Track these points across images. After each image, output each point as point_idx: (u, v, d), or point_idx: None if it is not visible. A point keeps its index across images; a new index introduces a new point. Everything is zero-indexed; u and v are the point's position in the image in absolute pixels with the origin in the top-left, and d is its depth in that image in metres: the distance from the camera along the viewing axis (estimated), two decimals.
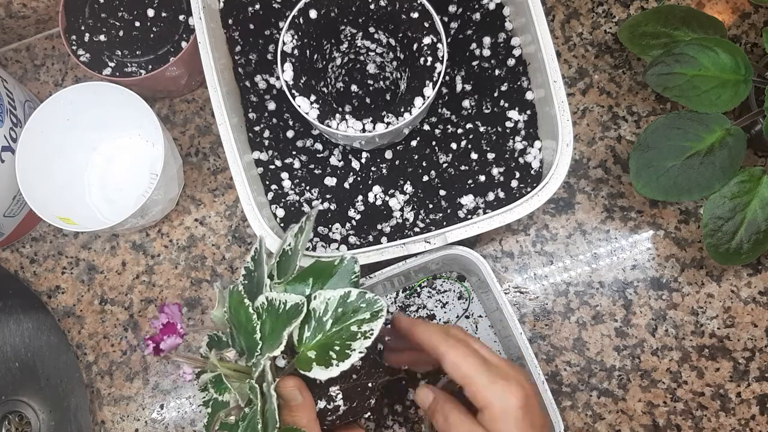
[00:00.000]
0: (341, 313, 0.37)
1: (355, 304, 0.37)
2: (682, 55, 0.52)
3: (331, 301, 0.38)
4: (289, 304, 0.37)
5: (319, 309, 0.37)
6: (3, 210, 0.59)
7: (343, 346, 0.36)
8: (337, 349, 0.36)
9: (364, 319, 0.37)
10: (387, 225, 0.55)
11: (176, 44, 0.59)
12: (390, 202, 0.55)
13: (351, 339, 0.36)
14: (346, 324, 0.37)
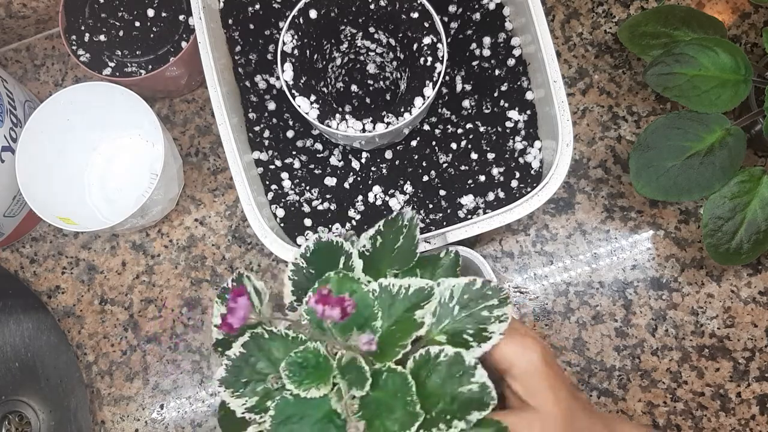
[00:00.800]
0: (468, 300, 0.39)
1: (480, 291, 0.39)
2: (682, 55, 0.52)
3: (456, 288, 0.39)
4: (413, 289, 0.38)
5: (444, 296, 0.39)
6: (3, 210, 0.59)
7: (478, 330, 0.38)
8: (471, 332, 0.38)
9: (494, 305, 0.38)
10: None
11: (176, 44, 0.59)
12: (390, 202, 0.55)
13: (484, 323, 0.38)
14: (475, 309, 0.38)
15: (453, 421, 0.35)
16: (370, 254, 0.42)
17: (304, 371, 0.36)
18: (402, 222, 0.42)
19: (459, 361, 0.36)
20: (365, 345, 0.33)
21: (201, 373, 0.62)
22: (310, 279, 0.41)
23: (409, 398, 0.35)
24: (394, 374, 0.36)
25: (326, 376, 0.37)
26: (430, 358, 0.37)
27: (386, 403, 0.36)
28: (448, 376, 0.36)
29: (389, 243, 0.42)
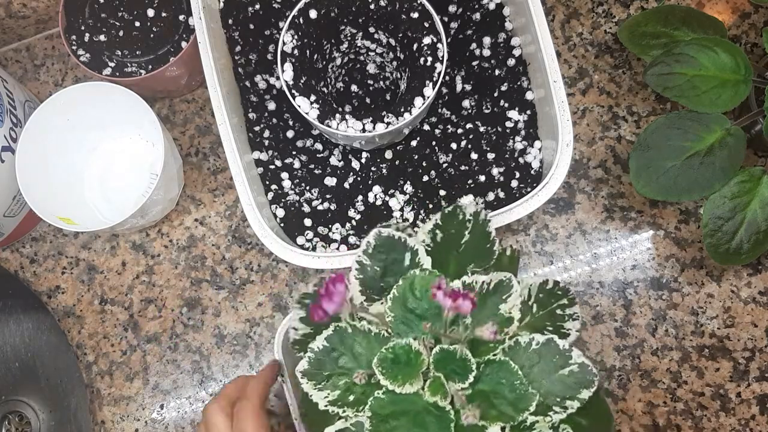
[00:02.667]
0: (543, 299, 0.40)
1: (553, 291, 0.41)
2: (682, 55, 0.52)
3: (533, 288, 0.41)
4: (494, 282, 0.39)
5: (524, 294, 0.40)
6: (3, 210, 0.59)
7: (556, 327, 0.40)
8: (551, 329, 0.40)
9: (565, 304, 0.40)
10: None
11: (176, 44, 0.59)
12: (390, 202, 0.55)
13: (561, 320, 0.40)
14: (551, 308, 0.40)
15: (565, 401, 0.37)
16: (432, 249, 0.42)
17: (397, 367, 0.37)
18: (463, 216, 0.42)
19: (552, 347, 0.38)
20: (491, 334, 0.34)
21: (201, 373, 0.62)
22: (377, 276, 0.41)
23: (518, 382, 0.36)
24: (495, 364, 0.37)
25: (418, 371, 0.37)
26: (521, 347, 0.38)
27: (494, 391, 0.37)
28: (544, 362, 0.38)
29: (453, 238, 0.42)
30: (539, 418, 0.37)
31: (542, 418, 0.37)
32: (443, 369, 0.37)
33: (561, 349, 0.38)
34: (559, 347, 0.38)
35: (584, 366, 0.37)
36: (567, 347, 0.38)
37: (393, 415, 0.36)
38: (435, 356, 0.37)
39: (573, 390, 0.37)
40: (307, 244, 0.54)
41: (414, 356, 0.37)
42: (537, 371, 0.37)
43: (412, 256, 0.41)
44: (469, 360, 0.37)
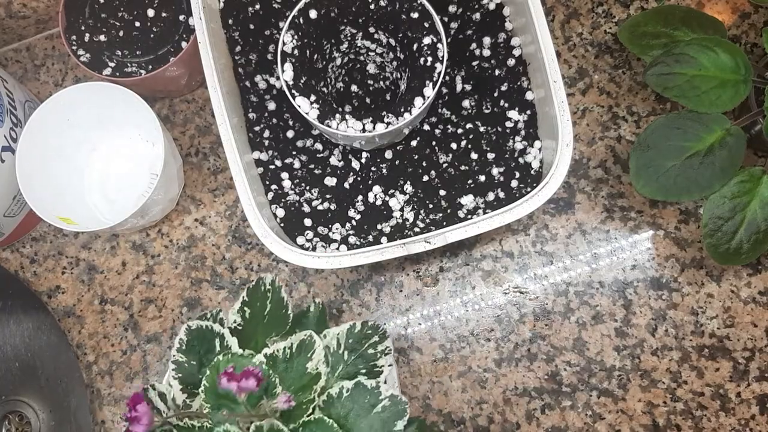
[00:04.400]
0: (353, 343, 0.42)
1: (362, 333, 0.43)
2: (682, 55, 0.52)
3: (341, 335, 0.42)
4: (295, 345, 0.41)
5: (332, 345, 0.42)
6: (3, 210, 0.59)
7: (370, 367, 0.42)
8: (364, 372, 0.41)
9: (376, 341, 0.42)
10: (387, 225, 0.55)
11: (176, 44, 0.59)
12: (390, 202, 0.55)
13: (373, 359, 0.42)
14: (362, 350, 0.42)
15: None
16: (243, 328, 0.44)
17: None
18: (264, 287, 0.45)
19: (362, 389, 0.40)
20: (285, 403, 0.36)
21: None
22: (194, 370, 0.42)
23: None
24: (311, 424, 0.39)
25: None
26: (334, 399, 0.40)
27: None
28: (358, 406, 0.40)
29: (258, 311, 0.44)
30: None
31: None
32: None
33: (370, 389, 0.40)
34: (367, 387, 0.40)
35: (394, 398, 0.40)
36: (374, 385, 0.40)
37: None
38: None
39: (389, 424, 0.39)
40: (307, 244, 0.54)
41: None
42: (353, 416, 0.39)
43: (220, 341, 0.42)
44: (282, 430, 0.38)
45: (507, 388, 0.60)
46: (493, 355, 0.60)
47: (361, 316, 0.62)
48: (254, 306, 0.44)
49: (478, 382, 0.60)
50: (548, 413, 0.59)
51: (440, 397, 0.60)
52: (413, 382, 0.60)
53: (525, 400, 0.59)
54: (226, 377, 0.35)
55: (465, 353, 0.60)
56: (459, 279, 0.61)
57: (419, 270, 0.62)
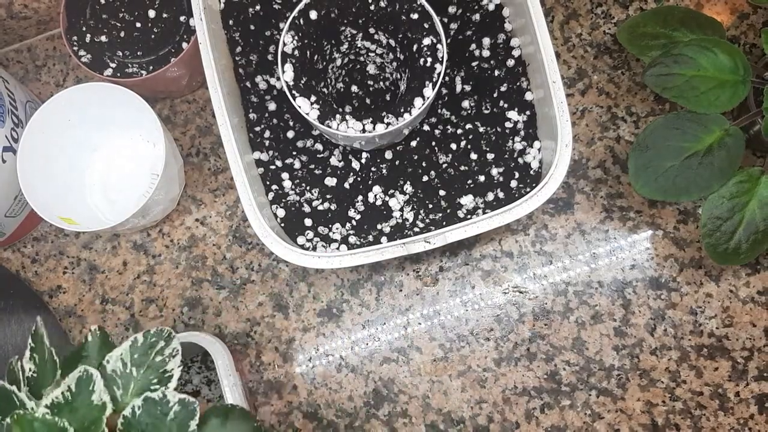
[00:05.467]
0: (140, 358, 0.42)
1: (146, 343, 0.42)
2: (680, 55, 0.52)
3: (125, 354, 0.42)
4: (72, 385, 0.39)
5: (118, 367, 0.41)
6: (4, 210, 0.59)
7: (161, 375, 0.41)
8: (156, 381, 0.41)
9: (163, 347, 0.42)
10: (387, 225, 0.55)
11: (177, 45, 0.59)
12: (390, 202, 0.55)
13: (162, 366, 0.41)
14: (150, 361, 0.42)
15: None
16: (37, 375, 0.42)
17: None
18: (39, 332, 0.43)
19: (150, 402, 0.39)
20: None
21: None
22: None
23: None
24: None
25: None
26: (129, 419, 0.39)
27: None
28: (153, 419, 0.39)
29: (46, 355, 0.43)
30: None
31: None
32: None
33: (158, 400, 0.39)
34: (155, 400, 0.39)
35: (183, 401, 0.39)
36: (162, 395, 0.39)
37: None
38: None
39: (184, 426, 0.39)
40: (308, 244, 0.55)
41: None
42: (152, 429, 0.39)
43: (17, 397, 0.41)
44: None
45: (506, 387, 0.60)
46: (493, 354, 0.60)
47: (361, 315, 0.62)
48: (41, 351, 0.43)
49: (477, 381, 0.60)
50: (547, 412, 0.59)
51: (440, 397, 0.60)
52: (413, 381, 0.60)
53: (524, 400, 0.60)
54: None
55: (464, 353, 0.61)
56: (459, 279, 0.62)
57: (419, 270, 0.62)
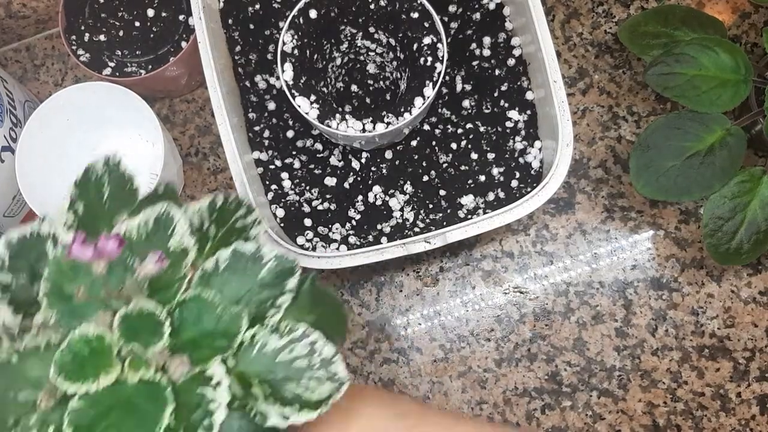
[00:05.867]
0: (218, 218, 0.38)
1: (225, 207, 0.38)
2: (682, 55, 0.52)
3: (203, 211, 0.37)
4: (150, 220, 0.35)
5: (194, 221, 0.37)
6: (3, 210, 0.59)
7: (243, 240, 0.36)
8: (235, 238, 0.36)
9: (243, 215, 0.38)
10: (387, 225, 0.55)
11: (176, 44, 0.59)
12: (390, 202, 0.55)
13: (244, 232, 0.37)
14: (229, 225, 0.38)
15: (276, 300, 0.34)
16: (79, 224, 0.37)
17: (82, 364, 0.31)
18: (97, 176, 0.39)
19: (240, 257, 0.34)
20: (157, 264, 0.30)
21: None
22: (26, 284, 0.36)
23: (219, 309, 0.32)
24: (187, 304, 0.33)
25: (108, 357, 0.32)
26: (209, 275, 0.34)
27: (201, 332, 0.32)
28: (240, 276, 0.34)
29: (94, 201, 0.38)
30: (255, 329, 0.33)
31: (258, 327, 0.33)
32: (134, 338, 0.32)
33: (249, 255, 0.34)
34: (246, 254, 0.34)
35: (280, 258, 0.34)
36: (254, 250, 0.34)
37: (99, 417, 0.31)
38: (120, 328, 0.32)
39: (279, 286, 0.34)
40: (307, 244, 0.54)
41: (96, 343, 0.32)
42: (236, 289, 0.34)
43: (53, 242, 0.35)
44: (154, 312, 0.32)
45: (507, 388, 0.60)
46: (493, 355, 0.60)
47: (362, 316, 0.62)
48: (87, 197, 0.38)
49: (478, 382, 0.60)
50: (548, 413, 0.59)
51: (440, 397, 0.60)
52: (413, 382, 0.60)
53: (525, 401, 0.59)
54: (79, 243, 0.29)
55: (465, 353, 0.60)
56: (459, 279, 0.61)
57: (419, 270, 0.62)
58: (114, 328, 0.32)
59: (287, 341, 0.33)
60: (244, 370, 0.32)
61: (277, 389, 0.32)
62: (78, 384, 0.30)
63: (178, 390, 0.31)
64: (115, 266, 0.32)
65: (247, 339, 0.33)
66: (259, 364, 0.33)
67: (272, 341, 0.33)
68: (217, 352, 0.32)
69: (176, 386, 0.31)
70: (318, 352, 0.32)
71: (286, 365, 0.33)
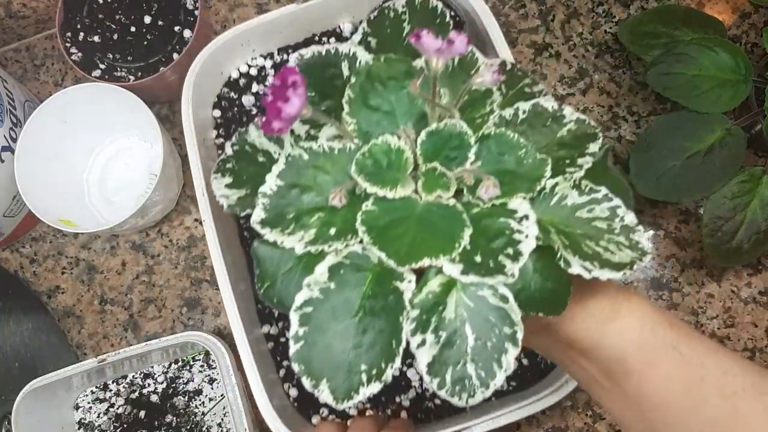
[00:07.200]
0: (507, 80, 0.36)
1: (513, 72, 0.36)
2: (682, 55, 0.52)
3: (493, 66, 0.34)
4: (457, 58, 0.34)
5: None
6: (3, 210, 0.59)
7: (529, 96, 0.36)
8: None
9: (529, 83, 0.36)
10: (406, 398, 0.52)
11: (168, 54, 0.59)
12: (408, 373, 0.53)
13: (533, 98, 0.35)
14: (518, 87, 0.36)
15: (576, 160, 0.33)
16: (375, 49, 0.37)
17: (381, 172, 0.31)
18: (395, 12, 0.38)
19: (541, 111, 0.34)
20: (495, 74, 0.30)
21: None
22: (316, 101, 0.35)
23: (523, 152, 0.32)
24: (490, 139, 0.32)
25: (405, 172, 0.32)
26: (506, 122, 0.33)
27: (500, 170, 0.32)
28: (537, 131, 0.33)
29: (391, 37, 0.37)
30: (558, 179, 0.32)
31: (561, 178, 0.32)
32: (436, 157, 0.32)
33: (551, 111, 0.33)
34: (548, 109, 0.33)
35: (581, 121, 0.33)
36: (556, 107, 0.33)
37: (392, 225, 0.30)
38: (423, 144, 0.32)
39: (579, 147, 0.33)
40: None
41: (396, 155, 0.32)
42: (533, 142, 0.33)
43: (350, 62, 0.35)
44: (466, 132, 0.31)
45: None
46: None
47: None
48: (382, 34, 0.37)
49: None
50: (548, 413, 0.59)
51: None
52: None
53: None
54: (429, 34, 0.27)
55: None
56: None
57: None
58: (419, 143, 0.32)
59: (588, 200, 0.32)
60: (542, 218, 0.31)
61: (576, 242, 0.31)
62: (376, 186, 0.30)
63: (474, 217, 0.31)
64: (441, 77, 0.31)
65: (548, 187, 0.32)
66: (557, 215, 0.32)
67: (572, 196, 0.32)
68: (519, 190, 0.31)
69: (471, 213, 0.31)
70: (620, 217, 0.32)
71: (585, 222, 0.32)
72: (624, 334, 0.33)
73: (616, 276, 0.29)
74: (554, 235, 0.31)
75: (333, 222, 0.31)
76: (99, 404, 0.60)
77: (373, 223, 0.30)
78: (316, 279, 0.30)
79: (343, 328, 0.30)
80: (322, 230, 0.31)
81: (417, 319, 0.29)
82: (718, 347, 0.33)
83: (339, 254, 0.31)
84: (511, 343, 0.29)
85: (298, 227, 0.31)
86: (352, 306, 0.30)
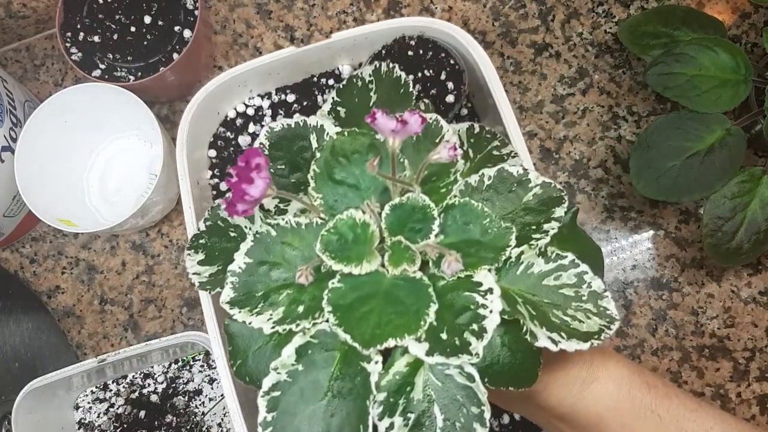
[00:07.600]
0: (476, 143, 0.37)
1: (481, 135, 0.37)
2: (682, 55, 0.52)
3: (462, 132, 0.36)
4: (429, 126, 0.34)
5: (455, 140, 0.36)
6: (3, 210, 0.59)
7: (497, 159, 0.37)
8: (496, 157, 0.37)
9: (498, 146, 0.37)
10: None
11: (168, 54, 0.59)
12: None
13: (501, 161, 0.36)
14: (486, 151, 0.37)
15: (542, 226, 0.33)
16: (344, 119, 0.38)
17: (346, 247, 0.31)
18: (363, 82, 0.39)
19: (506, 176, 0.34)
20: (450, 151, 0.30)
21: None
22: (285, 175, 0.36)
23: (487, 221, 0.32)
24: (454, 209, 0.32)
25: (371, 246, 0.32)
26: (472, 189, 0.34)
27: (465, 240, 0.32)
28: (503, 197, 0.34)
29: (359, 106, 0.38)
30: (523, 248, 0.32)
31: (526, 247, 0.33)
32: (401, 231, 0.32)
33: (516, 176, 0.34)
34: (513, 174, 0.34)
35: (546, 185, 0.34)
36: (521, 171, 0.34)
37: (358, 302, 0.30)
38: (388, 218, 0.32)
39: (545, 212, 0.33)
40: None
41: (362, 229, 0.31)
42: (499, 208, 0.33)
43: (318, 134, 0.36)
44: (429, 206, 0.31)
45: None
46: None
47: None
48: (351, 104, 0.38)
49: None
50: None
51: None
52: None
53: None
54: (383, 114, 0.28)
55: None
56: None
57: None
58: (383, 216, 0.32)
59: (554, 266, 0.32)
60: (508, 287, 0.32)
61: (543, 312, 0.31)
62: (342, 263, 0.30)
63: (440, 291, 0.31)
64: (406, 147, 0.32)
65: (514, 256, 0.32)
66: (524, 283, 0.32)
67: (539, 264, 0.32)
68: (483, 261, 0.31)
69: (438, 286, 0.31)
70: (587, 283, 0.32)
71: (552, 290, 0.32)
72: (600, 400, 0.33)
73: (584, 347, 0.30)
74: (521, 306, 0.31)
75: (301, 299, 0.31)
76: (99, 404, 0.60)
77: (339, 301, 0.30)
78: (283, 362, 0.31)
79: (311, 411, 0.30)
80: (290, 308, 0.31)
81: (384, 402, 0.30)
82: (699, 405, 0.33)
83: (307, 333, 0.31)
84: (479, 424, 0.29)
85: (267, 306, 0.31)
86: (320, 388, 0.30)
